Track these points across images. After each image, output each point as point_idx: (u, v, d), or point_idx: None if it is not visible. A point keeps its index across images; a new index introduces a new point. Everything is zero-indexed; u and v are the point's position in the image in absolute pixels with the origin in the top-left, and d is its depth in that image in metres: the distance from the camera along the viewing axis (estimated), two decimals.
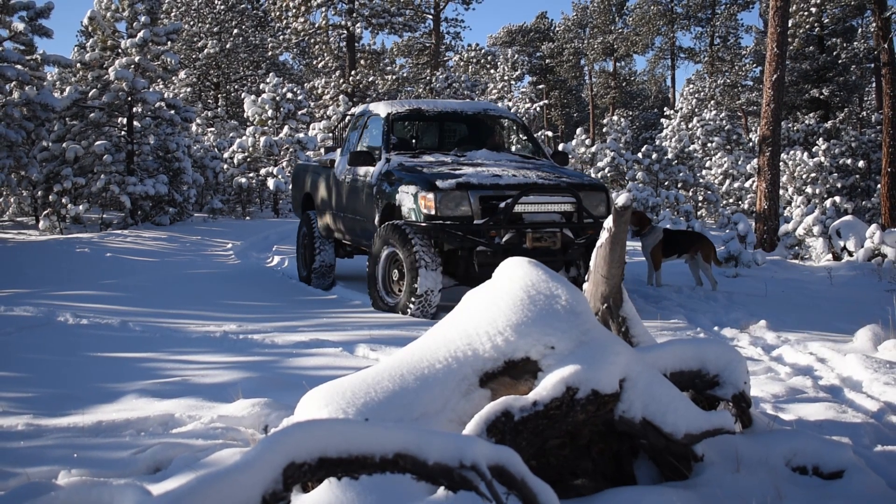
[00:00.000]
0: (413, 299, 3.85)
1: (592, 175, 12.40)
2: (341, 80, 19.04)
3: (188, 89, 20.34)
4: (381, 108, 4.85)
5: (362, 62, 20.50)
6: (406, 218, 3.97)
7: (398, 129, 4.95)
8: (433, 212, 3.79)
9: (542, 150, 4.87)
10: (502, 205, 3.81)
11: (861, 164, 14.12)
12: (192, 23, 20.90)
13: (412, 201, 3.92)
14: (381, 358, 2.90)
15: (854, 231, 6.87)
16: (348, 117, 6.22)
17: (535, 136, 5.04)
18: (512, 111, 20.55)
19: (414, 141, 5.19)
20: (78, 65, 9.69)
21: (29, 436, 2.02)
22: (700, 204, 13.10)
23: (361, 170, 4.62)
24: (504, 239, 3.80)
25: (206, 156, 11.87)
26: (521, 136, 5.25)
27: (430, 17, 21.99)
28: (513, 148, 5.24)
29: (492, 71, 26.04)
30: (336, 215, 5.02)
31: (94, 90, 9.35)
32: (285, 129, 12.43)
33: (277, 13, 19.53)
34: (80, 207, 9.05)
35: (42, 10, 8.52)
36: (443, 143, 5.16)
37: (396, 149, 4.58)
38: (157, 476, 1.75)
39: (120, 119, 9.78)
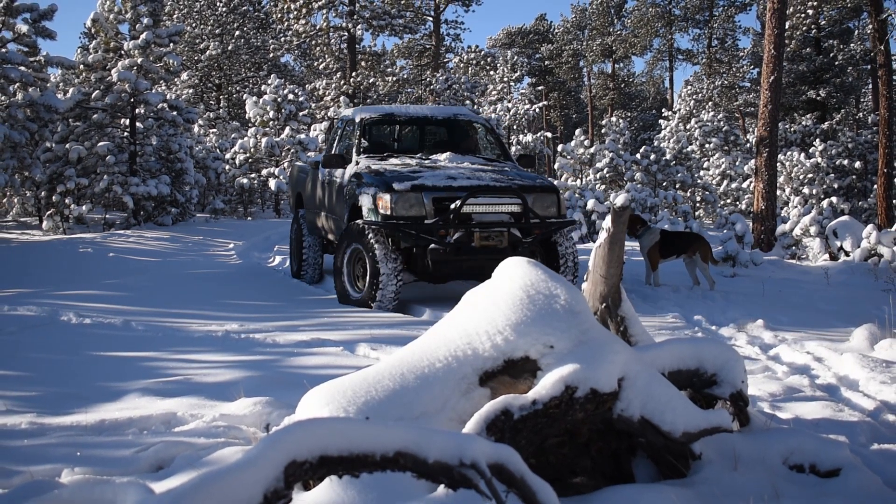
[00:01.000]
0: (375, 293, 4.10)
1: (591, 176, 12.48)
2: (342, 82, 19.10)
3: (190, 91, 20.38)
4: (357, 114, 5.11)
5: (363, 64, 20.56)
6: (366, 217, 4.20)
7: (371, 134, 5.19)
8: (389, 212, 4.03)
9: (508, 153, 5.08)
10: (453, 206, 4.02)
11: (857, 164, 14.10)
12: (194, 25, 20.95)
13: (371, 202, 4.15)
14: (382, 357, 2.91)
15: (851, 231, 6.86)
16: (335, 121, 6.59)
17: (501, 139, 5.30)
18: (513, 111, 20.59)
19: (391, 144, 5.42)
20: (81, 66, 9.72)
21: (32, 434, 2.03)
22: (698, 204, 13.13)
23: (337, 171, 4.85)
24: (453, 238, 4.00)
25: (208, 156, 11.91)
26: (489, 139, 5.34)
27: (431, 18, 22.07)
28: (507, 151, 5.36)
29: (491, 72, 26.09)
30: (319, 214, 5.26)
31: (97, 91, 9.39)
32: (286, 130, 12.47)
33: (279, 15, 19.60)
34: (83, 208, 9.08)
35: (45, 12, 8.56)
36: (414, 146, 5.39)
37: (367, 152, 4.82)
38: (160, 474, 1.76)
39: (123, 120, 9.82)
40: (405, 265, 4.25)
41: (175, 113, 9.87)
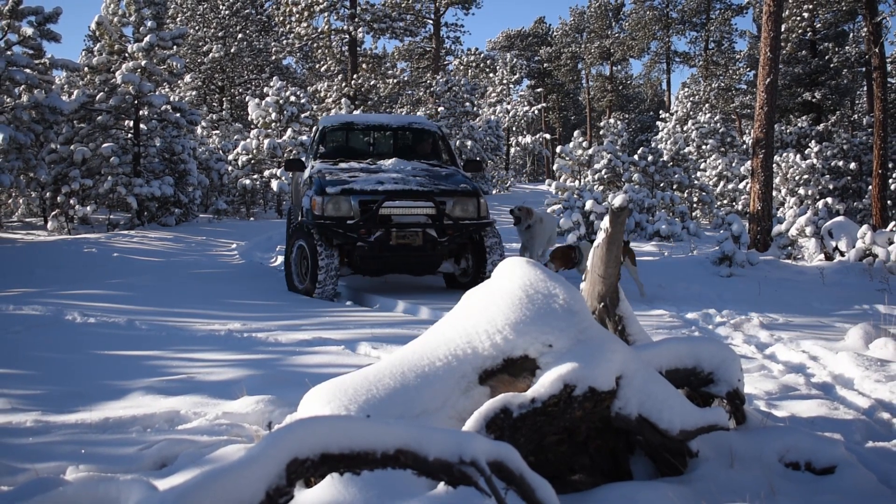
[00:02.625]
0: (315, 284, 4.54)
1: (590, 177, 12.58)
2: (343, 84, 19.15)
3: (193, 93, 20.45)
4: (321, 122, 5.74)
5: (364, 66, 20.62)
6: (305, 217, 4.71)
7: (333, 140, 5.75)
8: (321, 212, 4.51)
9: (454, 158, 5.57)
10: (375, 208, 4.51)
11: (852, 165, 14.18)
12: (197, 28, 21.03)
13: (308, 203, 4.65)
14: (383, 356, 2.93)
15: (846, 231, 6.91)
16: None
17: (451, 145, 5.77)
18: (512, 113, 20.45)
19: (350, 149, 5.81)
20: (86, 69, 9.78)
21: (37, 432, 2.05)
22: (695, 205, 13.20)
23: (302, 174, 5.37)
24: (374, 237, 4.46)
25: (211, 158, 11.96)
26: (439, 145, 5.79)
27: (431, 21, 22.14)
28: (454, 156, 5.84)
29: (491, 75, 26.17)
30: (296, 212, 5.85)
31: (102, 93, 9.45)
32: (288, 131, 12.51)
33: (281, 18, 19.67)
34: (88, 208, 9.15)
35: (50, 16, 8.63)
36: (373, 151, 5.88)
37: (328, 157, 5.40)
38: (164, 471, 1.77)
39: (127, 122, 9.88)
40: (346, 260, 4.70)
41: (178, 115, 9.92)
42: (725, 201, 14.88)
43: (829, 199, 8.92)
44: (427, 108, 17.64)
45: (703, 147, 17.27)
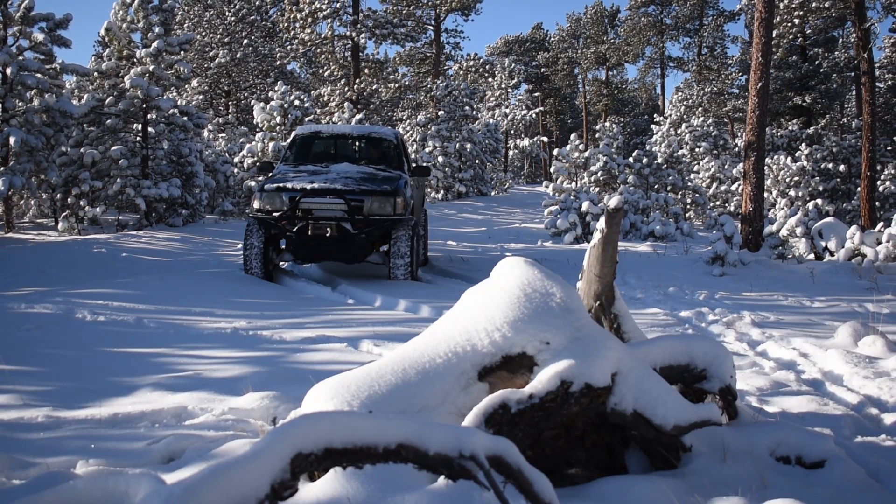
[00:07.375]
0: (258, 266, 5.34)
1: (586, 179, 12.73)
2: (346, 88, 19.26)
3: (200, 97, 20.60)
4: (297, 131, 6.50)
5: (366, 71, 20.72)
6: (250, 211, 5.46)
7: (303, 146, 6.34)
8: (260, 207, 5.27)
9: (402, 164, 6.09)
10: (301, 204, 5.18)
11: (842, 168, 14.21)
12: (203, 34, 21.22)
13: (253, 199, 5.37)
14: (385, 353, 2.96)
15: (835, 232, 6.97)
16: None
17: (406, 151, 6.30)
18: (510, 117, 20.28)
19: (316, 155, 6.38)
20: (95, 73, 9.92)
21: (48, 427, 2.09)
22: (688, 206, 13.25)
23: None
24: (296, 228, 5.16)
25: (218, 160, 12.07)
26: (395, 151, 6.28)
27: (431, 28, 22.25)
28: (402, 162, 6.18)
29: (490, 79, 26.29)
30: None
31: (111, 98, 9.58)
32: (292, 134, 12.59)
33: (285, 24, 19.81)
34: (97, 209, 9.25)
35: (61, 22, 8.77)
36: (335, 157, 6.44)
37: (291, 161, 6.08)
38: (171, 466, 1.81)
39: (135, 125, 9.99)
40: (291, 248, 5.32)
41: (185, 118, 10.03)
42: (718, 202, 14.96)
43: (819, 201, 8.96)
44: (427, 112, 17.69)
45: (697, 150, 17.33)
